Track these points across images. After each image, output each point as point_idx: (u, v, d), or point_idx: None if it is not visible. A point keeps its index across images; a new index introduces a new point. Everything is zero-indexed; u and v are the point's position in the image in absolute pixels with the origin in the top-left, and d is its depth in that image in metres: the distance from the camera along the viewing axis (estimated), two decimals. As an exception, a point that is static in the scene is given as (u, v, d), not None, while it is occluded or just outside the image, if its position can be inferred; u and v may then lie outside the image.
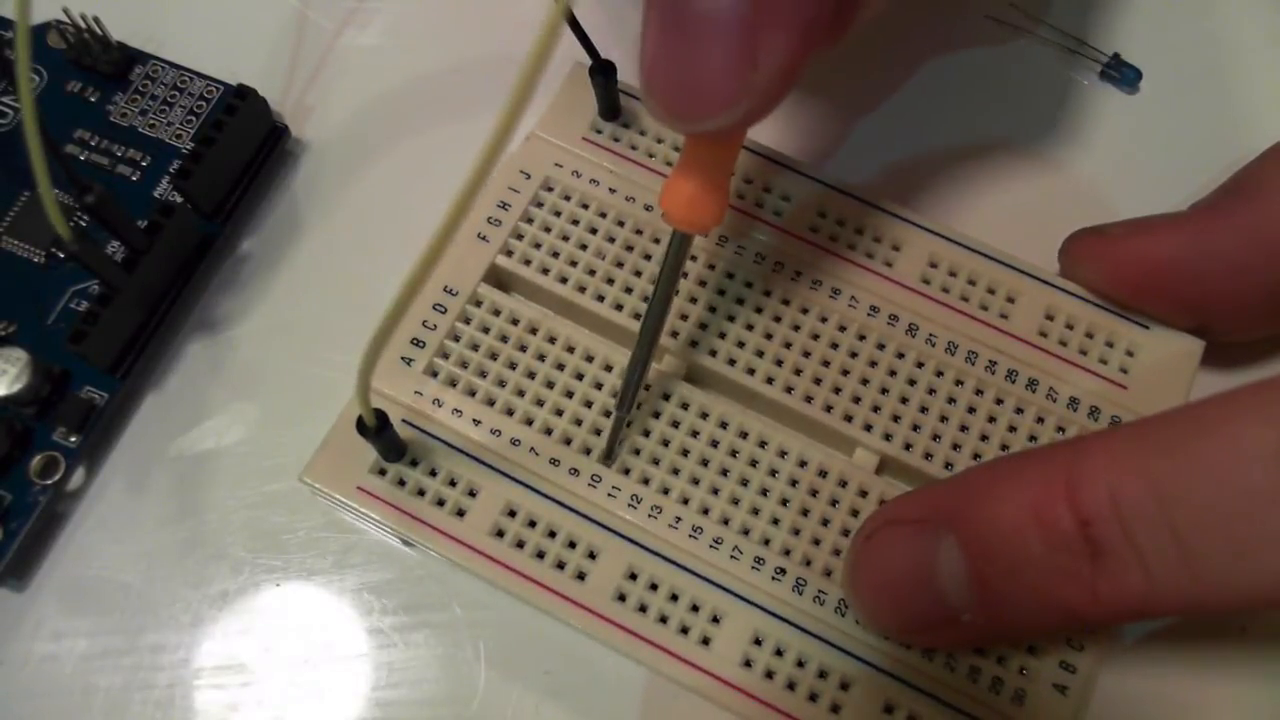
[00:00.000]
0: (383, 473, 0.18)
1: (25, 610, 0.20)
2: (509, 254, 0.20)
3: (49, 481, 0.20)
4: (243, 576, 0.20)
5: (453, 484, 0.18)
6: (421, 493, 0.18)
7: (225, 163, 0.22)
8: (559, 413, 0.19)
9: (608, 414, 0.19)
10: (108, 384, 0.20)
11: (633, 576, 0.18)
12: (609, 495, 0.18)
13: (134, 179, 0.22)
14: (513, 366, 0.19)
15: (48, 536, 0.20)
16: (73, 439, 0.20)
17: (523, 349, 0.19)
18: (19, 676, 0.19)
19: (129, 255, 0.20)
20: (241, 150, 0.22)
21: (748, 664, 0.17)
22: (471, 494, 0.18)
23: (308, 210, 0.23)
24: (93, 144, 0.22)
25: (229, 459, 0.21)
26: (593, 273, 0.20)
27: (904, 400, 0.19)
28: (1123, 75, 0.23)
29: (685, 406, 0.19)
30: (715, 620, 0.17)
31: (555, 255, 0.20)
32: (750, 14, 0.14)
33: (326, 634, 0.19)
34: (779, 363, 0.19)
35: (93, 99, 0.23)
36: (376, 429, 0.17)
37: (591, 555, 0.18)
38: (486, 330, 0.19)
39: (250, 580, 0.20)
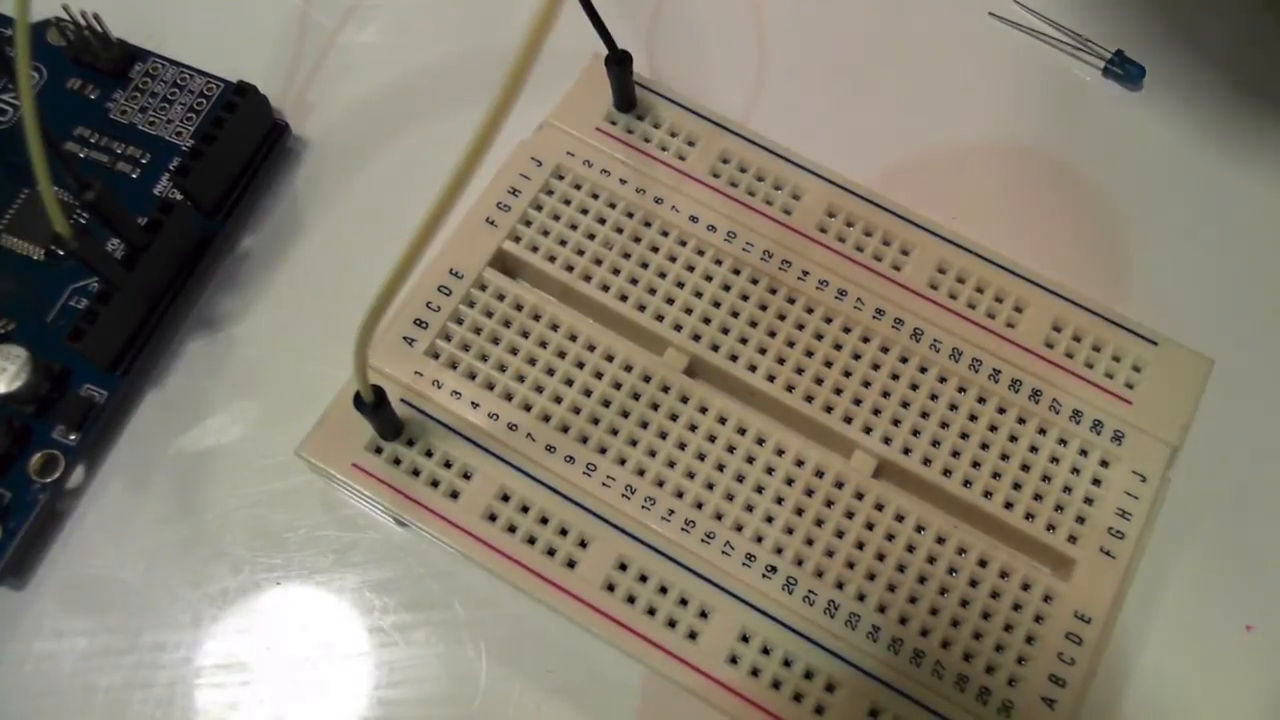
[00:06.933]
0: (379, 451, 0.18)
1: (25, 609, 0.19)
2: (516, 240, 0.20)
3: (48, 480, 0.20)
4: (243, 575, 0.20)
5: (448, 465, 0.18)
6: (416, 472, 0.18)
7: (225, 160, 0.22)
8: (557, 399, 0.19)
9: (607, 404, 0.19)
10: (107, 382, 0.20)
11: (623, 567, 0.18)
12: (603, 484, 0.18)
13: (134, 176, 0.22)
14: (514, 352, 0.19)
15: (47, 535, 0.20)
16: (72, 437, 0.20)
17: (525, 335, 0.19)
18: (18, 675, 0.19)
19: (129, 253, 0.20)
20: (242, 147, 0.22)
21: (733, 660, 0.17)
22: (466, 476, 0.18)
23: (308, 208, 0.23)
24: (92, 141, 0.22)
25: (229, 457, 0.21)
26: (599, 262, 0.20)
27: (905, 405, 0.19)
28: (1126, 72, 0.23)
29: (685, 400, 0.19)
30: (703, 615, 0.17)
31: (562, 243, 0.20)
32: None
33: (327, 633, 0.19)
34: (781, 361, 0.19)
35: (93, 96, 0.23)
36: (374, 405, 0.17)
37: (583, 544, 0.18)
38: (490, 314, 0.19)
39: (250, 579, 0.20)
